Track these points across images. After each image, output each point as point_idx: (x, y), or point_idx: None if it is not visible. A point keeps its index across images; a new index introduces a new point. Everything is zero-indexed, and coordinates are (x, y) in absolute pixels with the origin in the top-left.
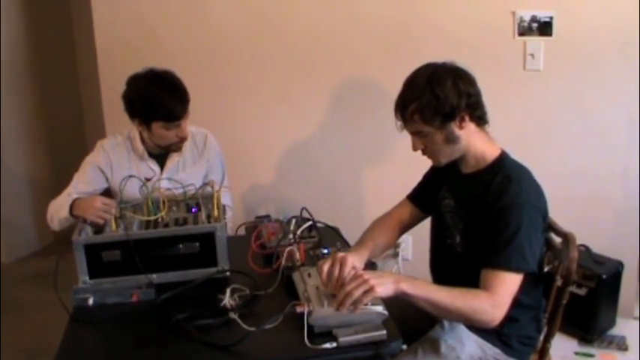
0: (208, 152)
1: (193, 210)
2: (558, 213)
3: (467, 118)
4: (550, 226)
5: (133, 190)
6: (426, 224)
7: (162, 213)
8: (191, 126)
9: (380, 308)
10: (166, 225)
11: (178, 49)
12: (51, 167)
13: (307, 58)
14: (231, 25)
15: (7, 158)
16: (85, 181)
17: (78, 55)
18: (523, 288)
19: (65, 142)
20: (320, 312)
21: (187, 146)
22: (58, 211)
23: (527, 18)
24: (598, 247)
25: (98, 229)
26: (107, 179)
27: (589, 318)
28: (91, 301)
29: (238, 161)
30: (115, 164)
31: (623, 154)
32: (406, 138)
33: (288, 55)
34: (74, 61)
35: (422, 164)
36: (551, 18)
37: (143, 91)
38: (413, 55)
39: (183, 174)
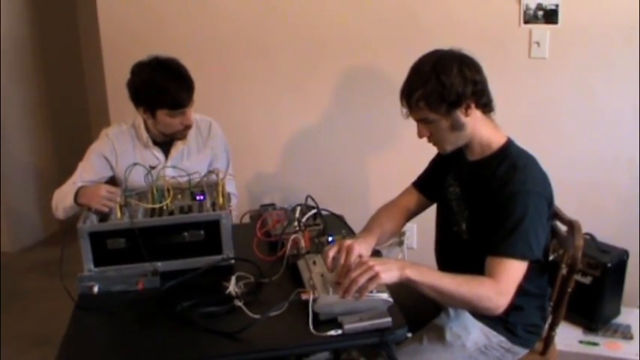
0: (213, 140)
1: (199, 198)
2: (564, 201)
3: (473, 106)
4: (555, 214)
5: (137, 178)
6: (431, 213)
7: (167, 201)
8: (195, 114)
9: (385, 295)
10: (171, 213)
11: (183, 37)
12: (55, 156)
13: (313, 46)
14: (237, 13)
15: (11, 147)
16: (89, 170)
17: (82, 43)
18: (528, 276)
19: (70, 131)
20: (325, 299)
21: (192, 134)
22: (62, 199)
23: (532, 5)
24: (603, 236)
25: (103, 217)
26: (112, 167)
27: (594, 307)
28: (96, 289)
29: (243, 149)
30: (119, 152)
31: (628, 142)
32: (411, 125)
33: (294, 43)
34: (78, 49)
35: (427, 151)
36: (557, 6)
37: (148, 78)
38: (418, 43)
39: (188, 162)
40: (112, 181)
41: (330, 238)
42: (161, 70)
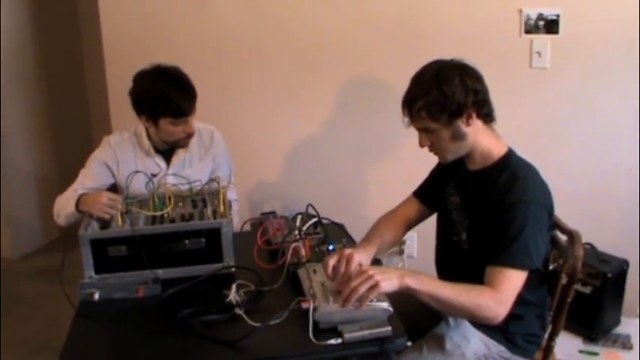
0: (215, 149)
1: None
2: (564, 211)
3: (474, 115)
4: (556, 224)
5: (139, 186)
6: (432, 222)
7: (169, 209)
8: (197, 122)
9: (385, 304)
10: (172, 221)
11: (185, 45)
12: (57, 163)
13: (314, 55)
14: (238, 21)
15: (13, 154)
16: (91, 177)
17: (84, 51)
18: (528, 285)
19: (71, 138)
20: (325, 308)
21: (194, 142)
22: (64, 206)
23: (533, 16)
24: (603, 246)
25: (104, 224)
26: (113, 175)
27: (594, 316)
28: (96, 296)
29: (244, 158)
30: (121, 160)
31: (628, 152)
32: (412, 135)
33: (295, 52)
34: (80, 56)
35: (428, 161)
36: (557, 16)
37: (150, 87)
38: (419, 53)
39: (190, 170)
40: (114, 188)
41: (330, 247)
42: (163, 79)
